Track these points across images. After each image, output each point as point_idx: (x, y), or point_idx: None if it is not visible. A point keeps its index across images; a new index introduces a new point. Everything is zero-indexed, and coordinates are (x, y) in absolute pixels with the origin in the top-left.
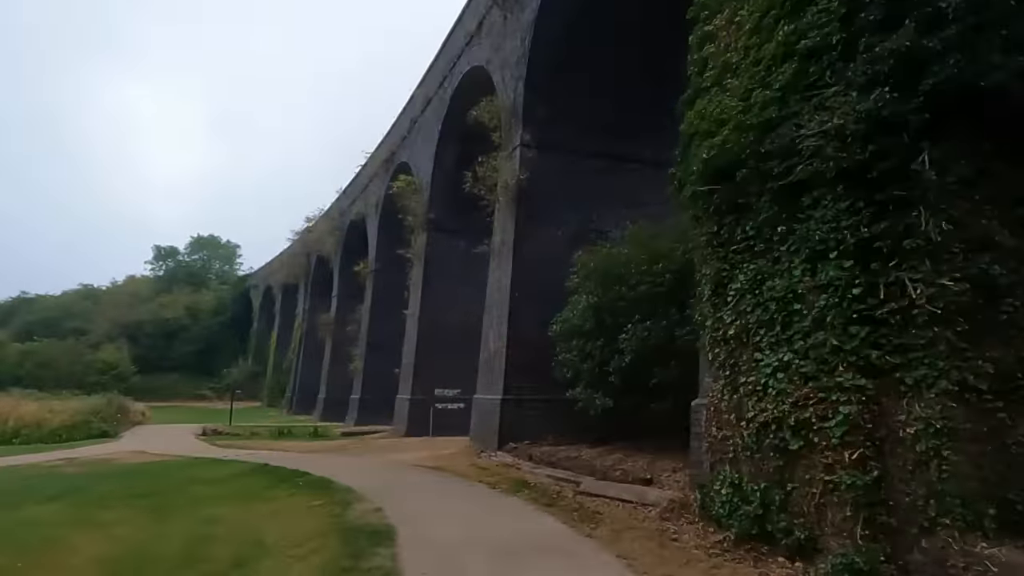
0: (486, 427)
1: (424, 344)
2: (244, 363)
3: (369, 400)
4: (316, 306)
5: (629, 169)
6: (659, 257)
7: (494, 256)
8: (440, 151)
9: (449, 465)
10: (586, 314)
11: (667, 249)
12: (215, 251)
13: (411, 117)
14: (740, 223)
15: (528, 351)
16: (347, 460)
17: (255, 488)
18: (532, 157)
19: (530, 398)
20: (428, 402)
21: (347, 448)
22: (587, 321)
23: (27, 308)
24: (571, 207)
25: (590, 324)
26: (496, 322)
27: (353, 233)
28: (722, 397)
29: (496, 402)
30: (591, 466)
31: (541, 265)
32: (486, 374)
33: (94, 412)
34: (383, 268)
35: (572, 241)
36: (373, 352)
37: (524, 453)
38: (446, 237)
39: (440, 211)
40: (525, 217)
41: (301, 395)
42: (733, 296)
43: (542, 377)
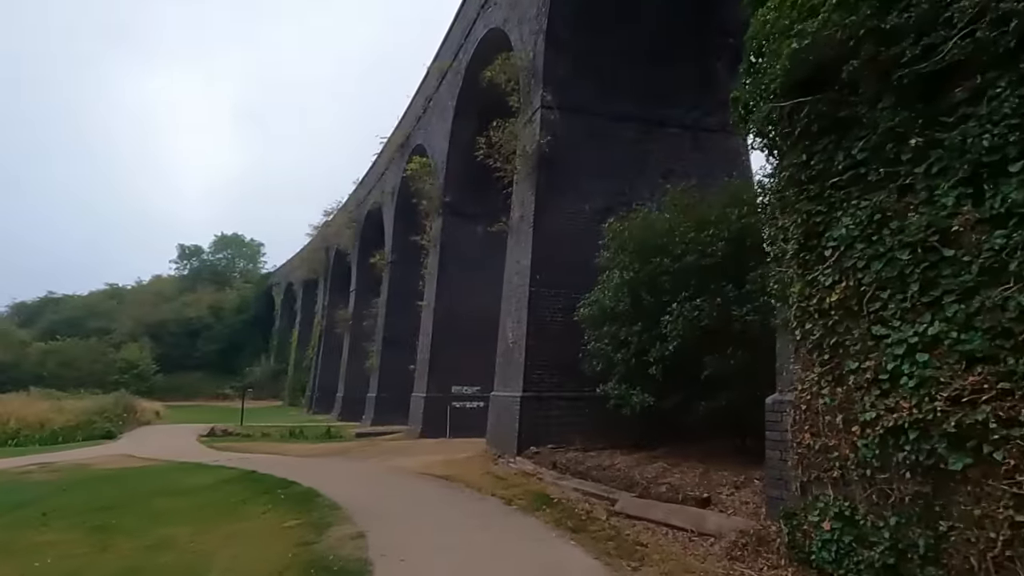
0: (504, 428)
1: (440, 337)
2: (266, 362)
3: (386, 399)
4: (335, 302)
5: (665, 135)
6: (707, 223)
7: (512, 234)
8: (455, 128)
9: (460, 473)
10: (620, 293)
11: (717, 214)
12: (239, 250)
13: (426, 96)
14: (843, 145)
15: (551, 341)
16: (347, 466)
17: (228, 502)
18: (554, 120)
19: (554, 395)
20: (445, 400)
21: (352, 451)
22: (621, 301)
23: (53, 308)
24: (599, 177)
25: (625, 305)
26: (515, 308)
27: (370, 224)
28: (818, 391)
29: (515, 400)
30: (628, 478)
31: (565, 243)
32: (504, 368)
33: (100, 412)
34: (400, 259)
35: (601, 215)
36: (390, 348)
37: (547, 459)
38: (462, 222)
39: (456, 194)
40: (547, 188)
41: (320, 394)
42: (834, 248)
43: (568, 371)
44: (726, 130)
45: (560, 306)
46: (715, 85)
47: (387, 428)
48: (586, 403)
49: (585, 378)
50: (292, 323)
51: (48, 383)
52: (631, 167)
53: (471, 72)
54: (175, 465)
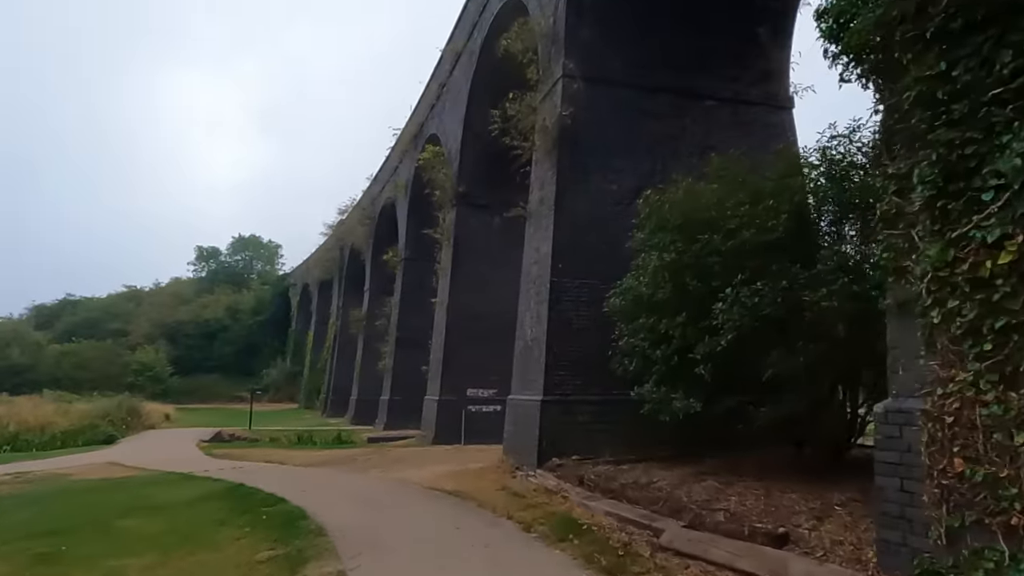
0: (523, 436)
1: (454, 336)
2: (282, 363)
3: (399, 402)
4: (349, 302)
5: (701, 108)
6: (762, 195)
7: (531, 219)
8: (470, 114)
9: (473, 489)
10: (659, 278)
11: (774, 186)
12: (257, 251)
13: (440, 82)
14: (1009, 41)
15: (576, 338)
16: (348, 479)
17: (203, 522)
18: (578, 91)
19: (579, 399)
20: (459, 404)
21: (358, 460)
22: (660, 288)
23: (71, 310)
24: (628, 155)
25: (665, 292)
26: (534, 302)
27: (384, 220)
28: (977, 396)
29: (535, 404)
30: (673, 500)
31: (591, 227)
32: (522, 369)
33: (103, 416)
34: (414, 256)
35: (630, 197)
36: (403, 348)
37: (573, 474)
38: (478, 213)
39: (470, 183)
40: (570, 168)
41: (335, 396)
42: (999, 189)
43: (595, 371)
44: (769, 103)
45: (585, 298)
46: (756, 53)
47: (399, 433)
48: (616, 408)
49: (615, 379)
50: (308, 324)
51: (63, 385)
52: (663, 144)
53: (487, 51)
54: (160, 476)
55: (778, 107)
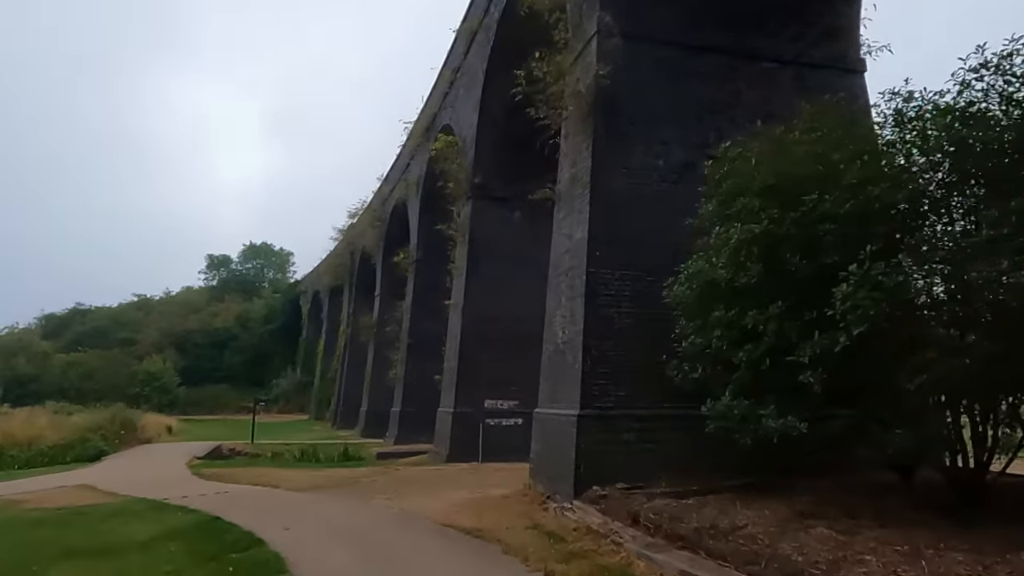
0: (554, 458)
1: (470, 342)
2: (292, 373)
3: (411, 414)
4: (360, 309)
5: (759, 71)
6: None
7: (561, 202)
8: (487, 97)
9: (496, 525)
10: (743, 256)
11: None
12: (268, 259)
13: (453, 67)
14: None
15: (618, 339)
16: (345, 510)
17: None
18: (616, 49)
19: (623, 413)
20: (476, 417)
21: (361, 483)
22: (745, 269)
23: (80, 319)
24: (676, 124)
25: (752, 274)
26: (566, 297)
27: (395, 222)
28: None
29: (569, 420)
30: (782, 560)
31: (634, 209)
32: (552, 377)
33: (95, 429)
34: (426, 257)
35: (679, 173)
36: (415, 356)
37: (621, 508)
38: (495, 207)
39: (488, 174)
40: (607, 138)
41: (345, 407)
42: None
43: (642, 379)
44: (836, 66)
45: (628, 292)
46: (821, 8)
47: (411, 448)
48: (669, 425)
49: (668, 389)
50: (319, 333)
51: (69, 396)
52: (717, 111)
53: (506, 23)
54: (128, 504)
55: (847, 70)
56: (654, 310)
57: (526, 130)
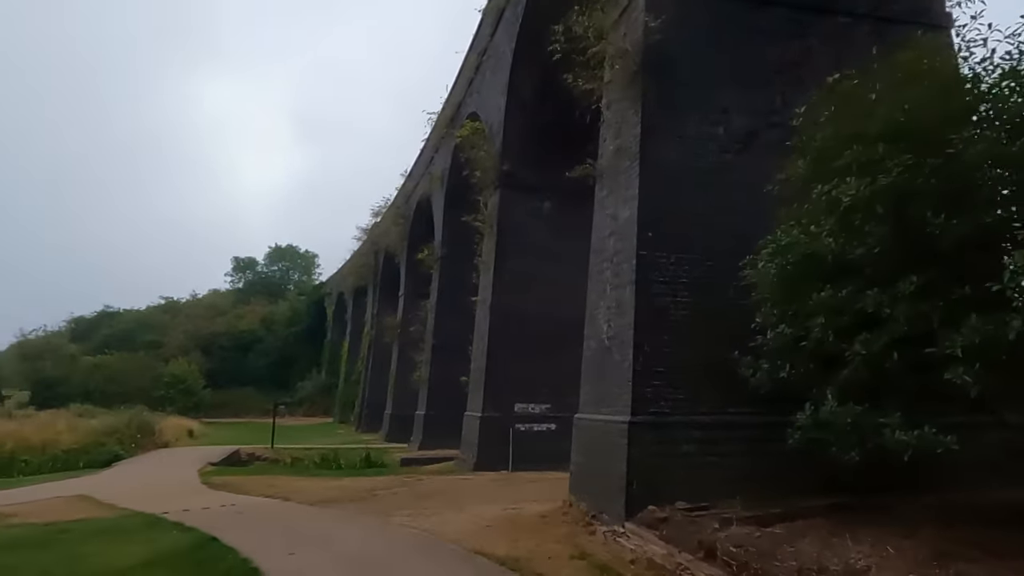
0: (599, 471)
1: (498, 341)
2: (317, 376)
3: (436, 417)
4: (384, 310)
5: (831, 26)
6: None
7: (603, 179)
8: (515, 78)
9: (535, 552)
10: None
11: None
12: (293, 261)
13: (479, 50)
14: None
15: (675, 333)
16: (359, 529)
17: None
18: (665, 2)
19: (682, 419)
20: (505, 421)
21: (378, 495)
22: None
23: (108, 322)
24: (737, 87)
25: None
26: (611, 286)
27: (419, 219)
28: None
29: (618, 427)
30: None
31: (689, 184)
32: (595, 379)
33: (111, 433)
34: (451, 254)
35: (742, 142)
36: (441, 357)
37: (689, 536)
38: (524, 197)
39: (516, 162)
40: (658, 104)
41: (369, 410)
42: None
43: (707, 381)
44: (919, 21)
45: (686, 279)
46: None
47: (436, 454)
48: (739, 433)
49: (737, 392)
50: (343, 335)
51: (94, 399)
52: (783, 73)
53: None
54: (121, 520)
55: (931, 25)
56: (717, 299)
57: (557, 113)
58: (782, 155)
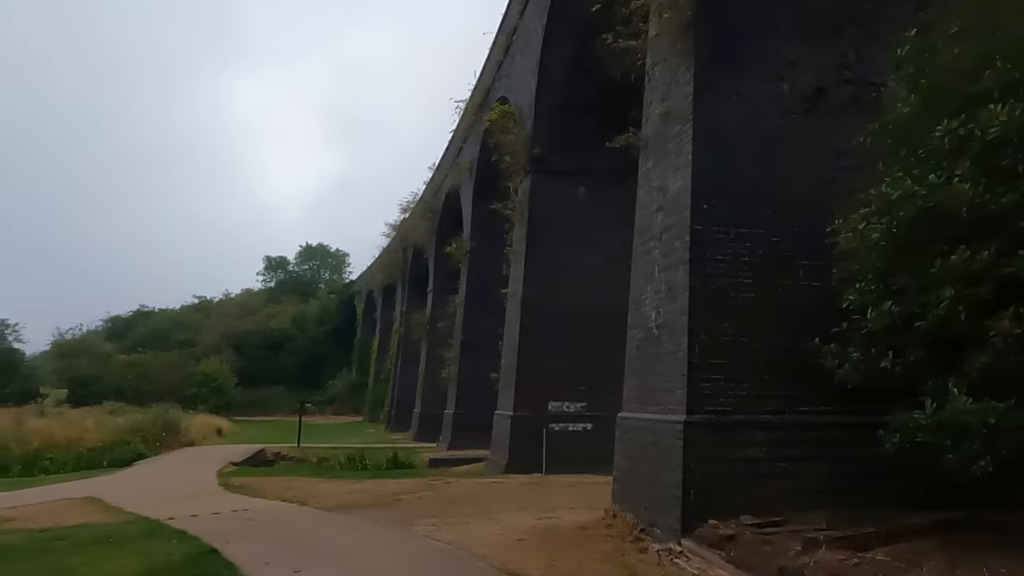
0: (648, 478)
1: (530, 336)
2: (347, 374)
3: (465, 416)
4: (413, 306)
5: None
6: None
7: (648, 149)
8: (547, 57)
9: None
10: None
11: None
12: (324, 260)
13: (508, 32)
14: None
15: (737, 320)
16: (376, 540)
17: None
18: None
19: (746, 419)
20: (538, 421)
21: (402, 501)
22: (1018, 180)
23: (143, 322)
24: (802, 40)
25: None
26: (660, 268)
27: (447, 212)
28: None
29: (672, 428)
30: None
31: (749, 150)
32: (643, 372)
33: (135, 431)
34: (480, 247)
35: (810, 101)
36: (470, 354)
37: (764, 560)
38: (557, 182)
39: (548, 145)
40: (713, 59)
41: (399, 409)
42: None
43: (776, 374)
44: None
45: (748, 257)
46: None
47: (466, 454)
48: (814, 435)
49: (813, 387)
50: (373, 333)
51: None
52: (856, 22)
53: None
54: (122, 526)
55: None
56: (785, 279)
57: (591, 92)
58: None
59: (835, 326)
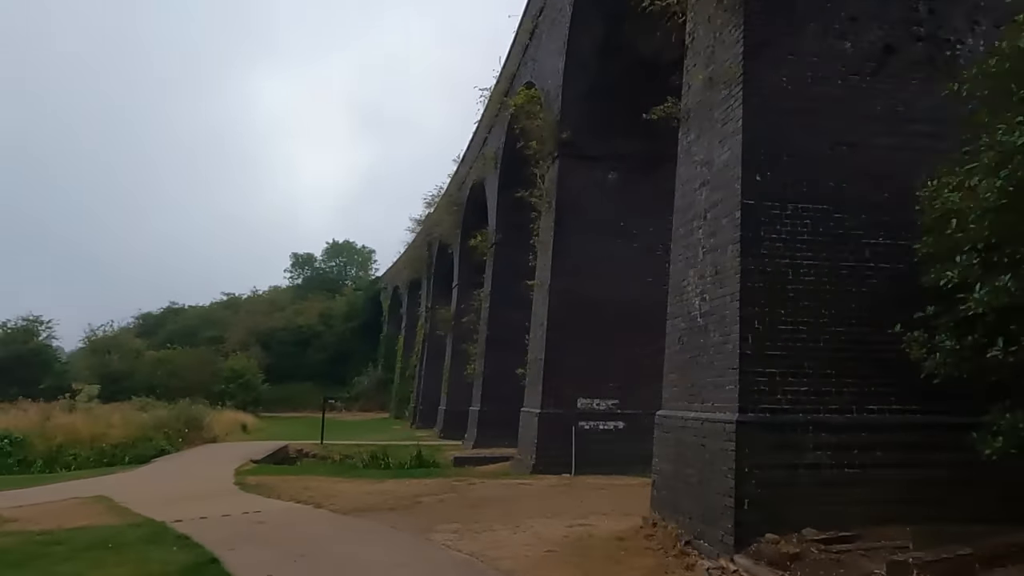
0: (695, 485)
1: (558, 329)
2: (374, 371)
3: (491, 413)
4: (438, 302)
5: None
6: None
7: (690, 119)
8: (575, 36)
9: None
10: None
11: None
12: (351, 257)
13: (533, 13)
14: None
15: (799, 306)
16: (390, 554)
17: None
18: None
19: (809, 419)
20: (567, 419)
21: (423, 503)
22: None
23: (173, 319)
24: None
25: None
26: (706, 250)
27: (472, 205)
28: None
29: (721, 429)
30: None
31: (807, 114)
32: (686, 366)
33: (158, 427)
34: (506, 240)
35: (874, 61)
36: (495, 349)
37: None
38: (586, 167)
39: (576, 129)
40: (764, 14)
41: (425, 406)
42: None
43: (842, 368)
44: None
45: (809, 236)
46: None
47: (492, 452)
48: (891, 437)
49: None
50: (399, 329)
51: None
52: None
53: None
54: (123, 530)
55: None
56: (852, 259)
57: (621, 71)
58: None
59: (914, 311)
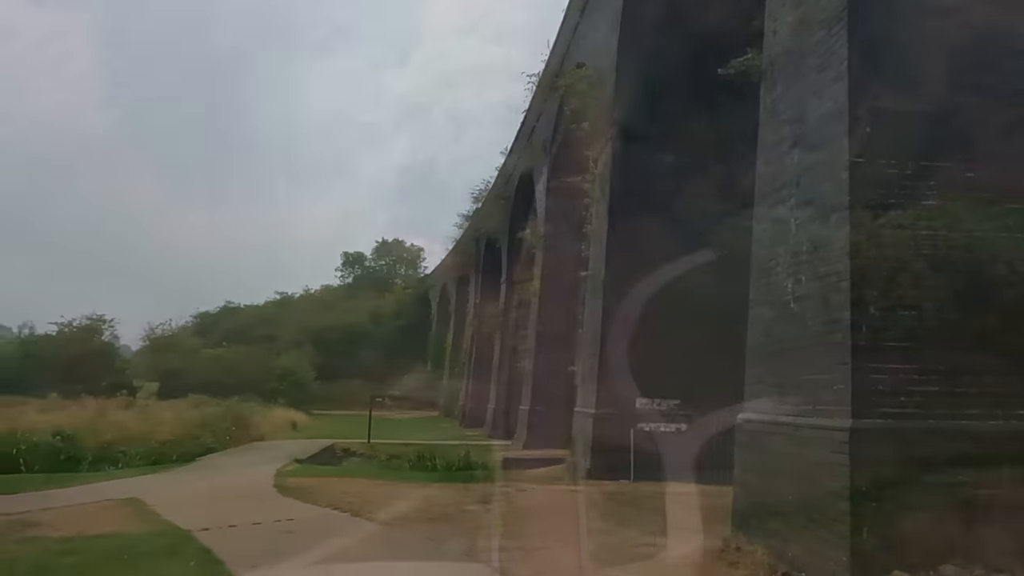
0: (793, 504)
1: (613, 324)
2: (423, 369)
3: (542, 413)
4: (486, 299)
5: None
6: None
7: (774, 73)
8: (628, 6)
9: None
10: None
11: None
12: (399, 255)
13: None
14: None
15: (927, 288)
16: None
17: None
18: None
19: (943, 426)
20: (624, 421)
21: (467, 513)
22: None
23: (228, 317)
24: None
25: None
26: (799, 223)
27: (520, 198)
28: None
29: (831, 438)
30: None
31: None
32: (775, 360)
33: (204, 425)
34: (556, 231)
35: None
36: (546, 346)
37: None
38: (642, 150)
39: (631, 109)
40: None
41: (473, 404)
42: None
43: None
44: None
45: (935, 200)
46: None
47: (543, 454)
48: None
49: None
50: (447, 327)
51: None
52: None
53: None
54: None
55: None
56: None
57: (680, 44)
58: None
59: None
